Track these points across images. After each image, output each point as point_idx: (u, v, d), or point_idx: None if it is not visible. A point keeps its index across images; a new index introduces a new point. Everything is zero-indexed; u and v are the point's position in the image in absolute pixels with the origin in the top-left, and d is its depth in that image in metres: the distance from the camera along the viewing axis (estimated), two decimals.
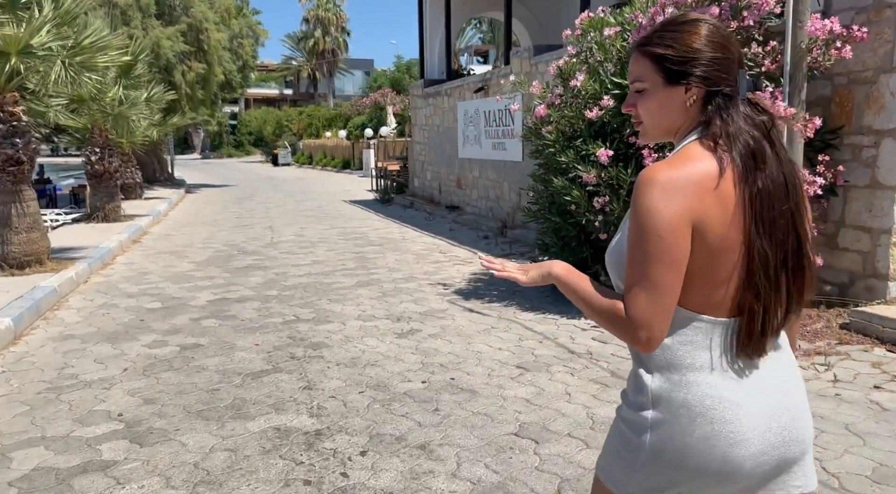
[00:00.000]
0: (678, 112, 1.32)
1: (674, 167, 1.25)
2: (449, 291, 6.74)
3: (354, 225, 12.28)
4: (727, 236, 1.25)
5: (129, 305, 6.45)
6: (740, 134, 1.27)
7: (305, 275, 7.77)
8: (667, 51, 1.31)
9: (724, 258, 1.26)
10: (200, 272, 8.03)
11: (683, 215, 1.22)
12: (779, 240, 1.27)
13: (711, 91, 1.30)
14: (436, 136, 14.08)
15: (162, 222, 13.30)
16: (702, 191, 1.23)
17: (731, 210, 1.24)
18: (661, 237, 1.21)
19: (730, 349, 1.30)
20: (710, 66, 1.29)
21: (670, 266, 1.22)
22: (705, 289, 1.27)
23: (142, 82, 12.62)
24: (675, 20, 1.36)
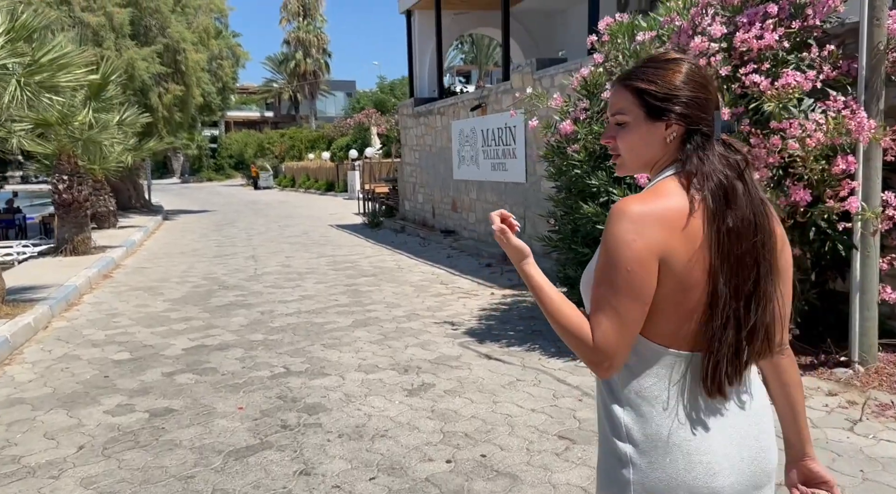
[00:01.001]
0: (657, 147, 1.34)
1: (646, 201, 1.27)
2: (458, 331, 5.98)
3: (344, 253, 11.50)
4: (691, 272, 1.25)
5: (92, 356, 5.61)
6: (714, 173, 1.28)
7: (294, 314, 6.96)
8: (650, 86, 1.32)
9: (689, 294, 1.26)
10: (176, 313, 7.20)
11: (652, 250, 1.23)
12: (743, 278, 1.27)
13: (691, 129, 1.32)
14: (428, 156, 13.38)
15: (136, 252, 12.43)
16: (670, 227, 1.24)
17: (697, 247, 1.25)
18: (628, 271, 1.22)
19: (693, 382, 1.30)
20: (690, 104, 1.31)
21: (636, 299, 1.24)
22: (673, 322, 1.28)
23: (114, 105, 11.80)
24: (657, 58, 1.37)
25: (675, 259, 1.24)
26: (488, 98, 10.44)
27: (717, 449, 1.29)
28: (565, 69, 8.10)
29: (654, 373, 1.30)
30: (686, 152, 1.31)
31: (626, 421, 1.30)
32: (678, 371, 1.30)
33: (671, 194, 1.28)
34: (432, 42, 13.59)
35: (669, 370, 1.30)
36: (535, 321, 6.16)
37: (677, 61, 1.35)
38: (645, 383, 1.30)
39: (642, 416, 1.30)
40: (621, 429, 1.31)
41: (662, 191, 1.29)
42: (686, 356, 1.30)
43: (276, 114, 62.09)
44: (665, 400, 1.30)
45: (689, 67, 1.34)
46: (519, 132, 9.36)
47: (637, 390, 1.30)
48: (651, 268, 1.23)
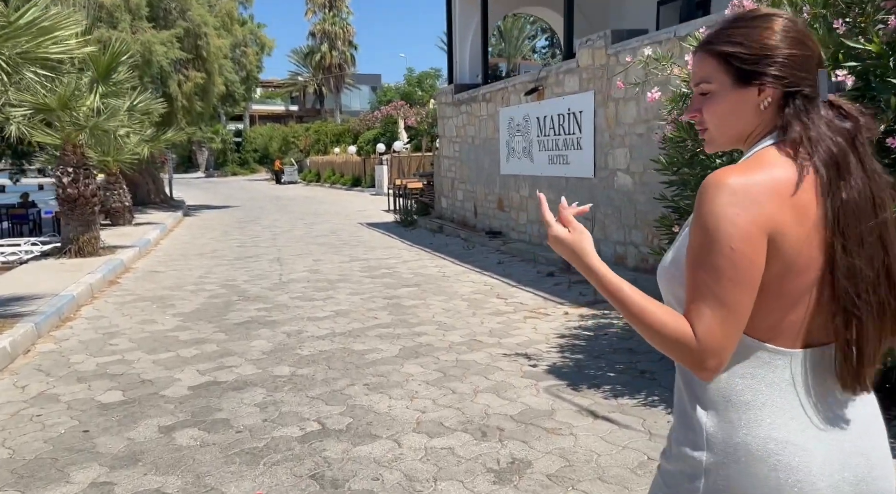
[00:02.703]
0: (750, 116, 1.16)
1: (747, 172, 1.09)
2: (539, 368, 4.67)
3: (378, 256, 10.24)
4: (803, 252, 1.08)
5: (75, 396, 4.41)
6: (822, 140, 1.10)
7: (327, 336, 5.71)
8: (736, 48, 1.15)
9: (798, 279, 1.08)
10: (187, 332, 5.99)
11: (759, 225, 1.05)
12: (868, 259, 1.09)
13: (789, 92, 1.13)
14: (470, 149, 12.07)
15: (150, 253, 11.29)
16: (778, 199, 1.07)
17: (810, 224, 1.08)
18: (733, 249, 1.04)
19: (803, 384, 1.12)
20: (786, 64, 1.13)
21: (743, 283, 1.05)
22: (773, 313, 1.10)
23: (125, 90, 10.65)
24: (744, 16, 1.20)
25: (785, 237, 1.06)
26: (546, 80, 9.09)
27: (812, 466, 1.09)
28: (652, 40, 6.74)
29: (749, 373, 1.11)
30: (786, 118, 1.13)
31: (709, 427, 1.12)
32: (776, 372, 1.11)
33: (774, 164, 1.09)
34: (475, 21, 12.27)
35: (766, 369, 1.11)
36: (637, 354, 4.84)
37: (767, 17, 1.17)
38: (737, 384, 1.11)
39: (729, 422, 1.11)
40: (701, 435, 1.12)
41: (763, 160, 1.10)
42: (786, 354, 1.11)
43: (301, 108, 61.24)
44: (758, 405, 1.10)
45: (782, 23, 1.15)
46: (586, 118, 8.02)
47: (726, 391, 1.11)
48: (759, 246, 1.05)
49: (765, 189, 1.07)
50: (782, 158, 1.11)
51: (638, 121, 7.10)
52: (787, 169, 1.09)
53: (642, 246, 7.19)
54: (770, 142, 1.14)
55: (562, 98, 8.57)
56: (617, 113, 7.41)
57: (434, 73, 38.96)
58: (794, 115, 1.13)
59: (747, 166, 1.11)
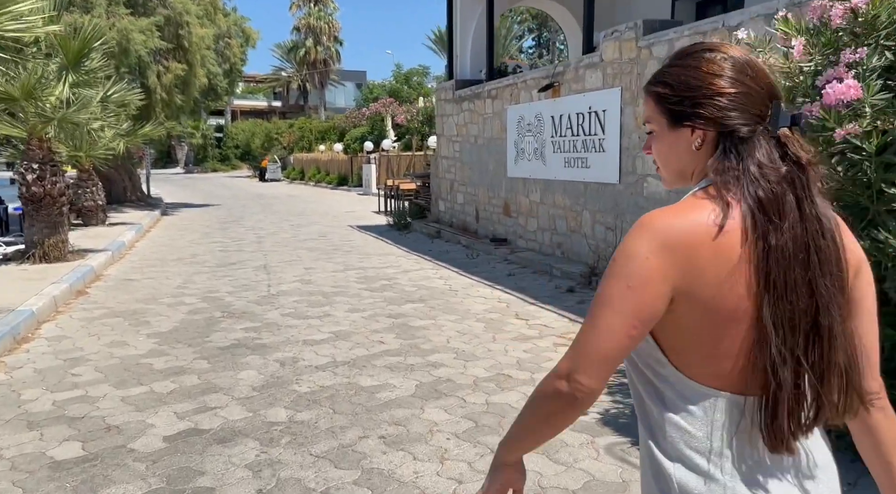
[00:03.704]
0: (687, 156, 1.14)
1: (674, 215, 1.08)
2: (591, 417, 3.88)
3: (374, 264, 9.42)
4: (728, 300, 1.04)
5: (21, 449, 3.56)
6: (751, 183, 1.06)
7: (328, 367, 4.90)
8: (666, 89, 1.15)
9: (730, 326, 1.05)
10: (162, 359, 5.14)
11: (666, 274, 1.04)
12: (797, 310, 1.04)
13: (723, 132, 1.10)
14: (472, 149, 11.27)
15: (124, 257, 10.36)
16: (697, 246, 1.04)
17: (732, 271, 1.04)
18: (629, 287, 1.04)
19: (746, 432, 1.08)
20: (715, 104, 1.09)
21: (624, 314, 1.04)
22: (712, 360, 1.07)
23: (99, 79, 9.72)
24: (680, 53, 1.18)
25: (702, 285, 1.04)
26: (563, 76, 8.32)
27: None
28: (693, 31, 5.99)
29: (707, 419, 1.09)
30: (716, 160, 1.09)
31: (679, 478, 1.09)
32: (721, 415, 1.08)
33: (703, 207, 1.07)
34: (478, 13, 11.48)
35: (721, 414, 1.08)
36: None
37: (698, 55, 1.14)
38: (697, 431, 1.09)
39: (695, 470, 1.08)
40: (672, 485, 1.09)
41: (693, 204, 1.09)
42: (730, 399, 1.08)
43: (284, 104, 60.10)
44: (723, 453, 1.08)
45: (716, 58, 1.12)
46: (611, 118, 7.26)
47: (688, 439, 1.09)
48: (658, 292, 1.04)
49: (685, 235, 1.04)
50: (712, 201, 1.07)
51: None
52: (714, 213, 1.06)
53: None
54: (705, 184, 1.11)
55: (582, 95, 7.80)
56: None
57: (422, 70, 38.09)
58: (722, 157, 1.09)
59: (675, 210, 1.09)
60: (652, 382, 1.12)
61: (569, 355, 1.08)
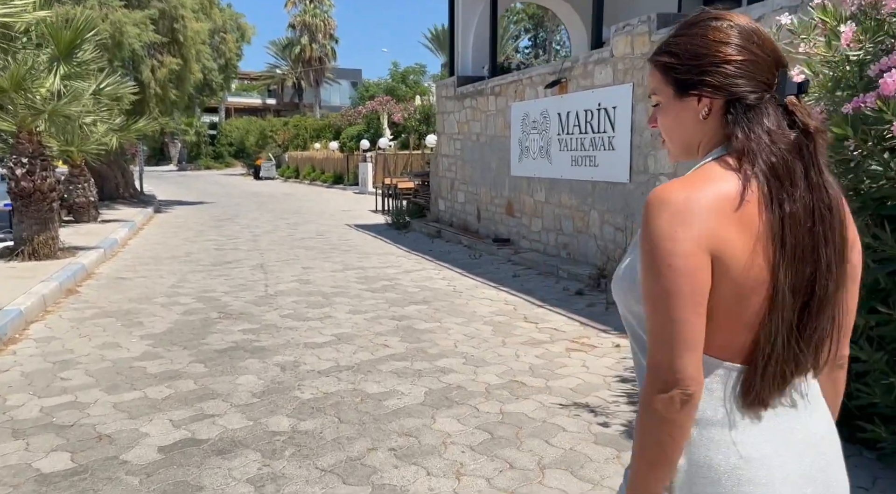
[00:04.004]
0: (693, 126, 1.12)
1: (689, 187, 1.04)
2: (613, 429, 3.66)
3: (374, 264, 9.18)
4: (752, 269, 1.03)
5: (6, 462, 3.32)
6: (762, 150, 1.04)
7: (331, 371, 4.66)
8: (672, 59, 1.13)
9: (751, 300, 1.04)
10: (157, 362, 4.90)
11: (701, 242, 1.01)
12: (801, 276, 1.04)
13: (730, 100, 1.08)
14: (474, 147, 11.04)
15: (117, 255, 10.09)
16: (722, 215, 1.02)
17: (755, 239, 1.02)
18: (675, 268, 1.00)
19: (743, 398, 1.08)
20: (722, 72, 1.08)
21: (687, 300, 1.00)
22: (731, 332, 1.06)
23: (91, 72, 9.44)
24: (685, 23, 1.15)
25: (731, 254, 1.02)
26: (571, 71, 8.09)
27: (776, 480, 1.06)
28: None
29: (711, 390, 1.07)
30: (728, 128, 1.08)
31: None
32: (728, 386, 1.07)
33: (717, 177, 1.04)
34: (481, 7, 11.26)
35: (721, 385, 1.08)
36: None
37: (703, 24, 1.12)
38: (702, 401, 1.06)
39: (691, 440, 1.07)
40: None
41: (706, 174, 1.06)
42: (735, 369, 1.08)
43: (279, 101, 59.77)
44: (717, 422, 1.07)
45: (722, 26, 1.10)
46: (622, 115, 7.04)
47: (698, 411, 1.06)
48: (701, 262, 1.00)
49: (708, 204, 1.02)
50: (726, 170, 1.06)
51: None
52: (731, 182, 1.04)
53: None
54: (716, 154, 1.10)
55: (591, 92, 7.58)
56: None
57: (419, 68, 37.84)
58: (733, 124, 1.08)
59: (690, 181, 1.06)
60: None
61: (656, 365, 1.03)
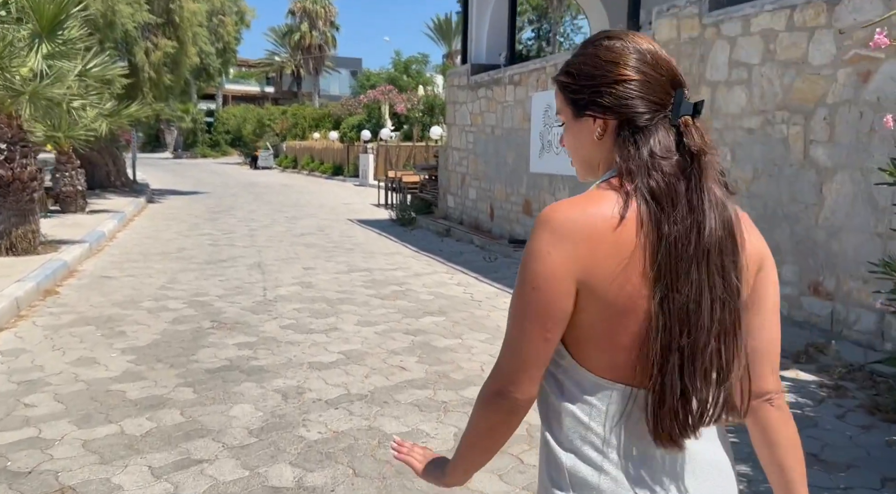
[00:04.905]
0: (591, 146, 1.13)
1: (573, 208, 1.06)
2: None
3: (381, 264, 8.50)
4: (625, 291, 1.02)
5: None
6: (643, 172, 1.04)
7: (341, 401, 3.98)
8: (569, 79, 1.14)
9: (626, 319, 1.03)
10: (138, 385, 4.21)
11: (567, 267, 1.02)
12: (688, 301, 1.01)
13: (622, 121, 1.08)
14: (488, 140, 10.34)
15: (103, 250, 9.38)
16: (596, 238, 1.03)
17: (628, 262, 1.02)
18: (534, 288, 1.03)
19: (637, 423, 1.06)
20: (612, 92, 1.08)
21: (538, 322, 1.04)
22: (609, 352, 1.06)
23: (77, 50, 8.70)
24: (584, 42, 1.16)
25: (601, 277, 1.03)
26: None
27: None
28: (778, 5, 5.09)
29: (598, 410, 1.07)
30: (618, 148, 1.09)
31: (569, 467, 1.08)
32: (623, 407, 1.06)
33: (603, 199, 1.06)
34: None
35: (615, 405, 1.07)
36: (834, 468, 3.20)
37: (598, 43, 1.12)
38: (589, 421, 1.07)
39: (587, 463, 1.07)
40: (563, 475, 1.09)
41: (594, 195, 1.08)
42: (623, 391, 1.06)
43: (277, 89, 58.88)
44: (613, 444, 1.07)
45: (615, 46, 1.10)
46: None
47: (581, 430, 1.08)
48: (562, 288, 1.03)
49: (583, 227, 1.03)
50: (609, 191, 1.06)
51: (749, 112, 5.45)
52: (612, 204, 1.04)
53: None
54: (607, 175, 1.10)
55: None
56: (713, 100, 5.76)
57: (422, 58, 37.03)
58: (620, 146, 1.08)
59: (575, 202, 1.07)
60: (551, 371, 1.10)
61: (495, 370, 1.08)
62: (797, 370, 4.48)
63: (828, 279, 4.85)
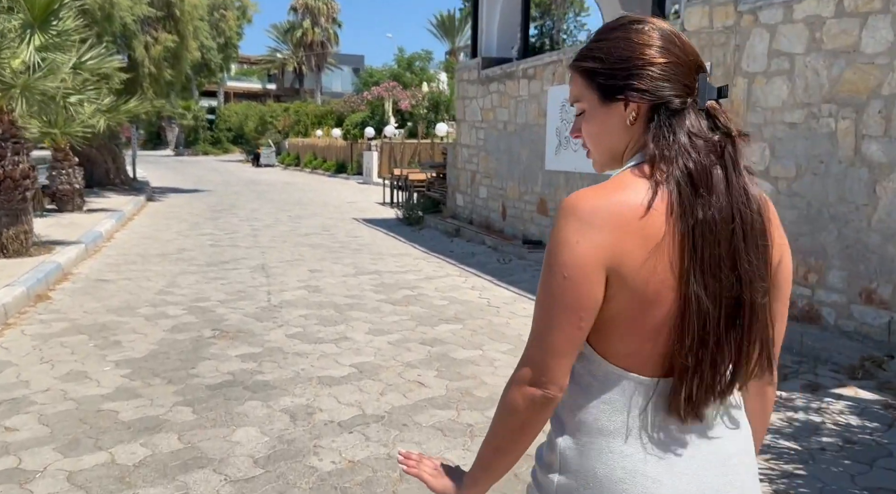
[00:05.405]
0: (620, 132, 1.10)
1: (600, 195, 1.03)
2: None
3: (390, 267, 8.12)
4: (653, 280, 1.00)
5: None
6: (679, 156, 1.02)
7: (356, 425, 3.60)
8: (597, 64, 1.10)
9: (653, 309, 1.02)
10: (132, 404, 3.84)
11: (598, 255, 1.00)
12: (723, 285, 1.01)
13: (655, 105, 1.06)
14: (501, 136, 9.95)
15: (100, 251, 9.01)
16: (624, 226, 1.00)
17: (656, 250, 1.00)
18: (565, 277, 1.01)
19: (655, 413, 1.05)
20: (647, 75, 1.05)
21: (569, 310, 1.02)
22: (632, 341, 1.04)
23: (72, 43, 8.32)
24: (606, 27, 1.14)
25: (629, 266, 1.00)
26: None
27: None
28: None
29: (609, 399, 1.06)
30: (648, 135, 1.06)
31: (563, 448, 1.09)
32: (631, 399, 1.06)
33: (629, 186, 1.03)
34: None
35: (623, 396, 1.06)
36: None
37: (626, 27, 1.10)
38: (596, 409, 1.07)
39: (582, 447, 1.07)
40: (555, 456, 1.10)
41: (618, 182, 1.05)
42: (643, 382, 1.05)
43: (279, 86, 58.49)
44: (612, 432, 1.06)
45: (644, 29, 1.08)
46: None
47: (584, 416, 1.07)
48: (593, 277, 1.01)
49: (611, 216, 1.00)
50: (638, 179, 1.03)
51: (791, 105, 5.05)
52: (638, 192, 1.01)
53: None
54: (634, 161, 1.07)
55: None
56: (750, 93, 5.36)
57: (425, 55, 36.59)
58: (654, 130, 1.05)
59: (602, 190, 1.04)
60: None
61: (527, 359, 1.05)
62: (855, 387, 4.09)
63: (883, 287, 4.46)
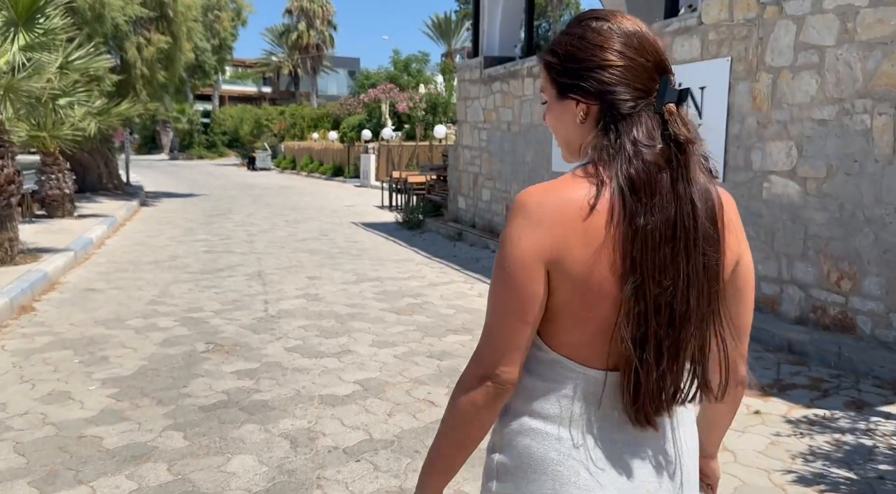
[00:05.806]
0: (574, 129, 1.10)
1: (547, 192, 1.04)
2: None
3: (392, 273, 7.80)
4: (595, 276, 1.02)
5: None
6: (622, 162, 1.01)
7: (363, 451, 3.28)
8: (554, 58, 1.11)
9: (596, 303, 1.03)
10: (118, 428, 3.51)
11: (538, 251, 1.02)
12: (665, 291, 1.01)
13: (605, 107, 1.05)
14: (504, 137, 9.65)
15: (90, 258, 8.67)
16: (567, 223, 1.01)
17: (598, 250, 1.01)
18: (509, 272, 1.04)
19: (601, 404, 1.07)
20: (597, 77, 1.05)
21: (512, 301, 1.04)
22: (580, 332, 1.06)
23: (60, 43, 7.99)
24: (574, 19, 1.12)
25: (571, 260, 1.02)
26: None
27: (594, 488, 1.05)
28: None
29: (553, 387, 1.08)
30: (595, 135, 1.06)
31: (506, 431, 1.11)
32: (575, 388, 1.07)
33: (574, 186, 1.04)
34: None
35: (568, 385, 1.08)
36: None
37: (586, 24, 1.08)
38: (537, 394, 1.09)
39: (524, 428, 1.09)
40: (499, 438, 1.13)
41: (567, 181, 1.06)
42: (594, 374, 1.07)
43: (275, 90, 58.23)
44: (550, 416, 1.08)
45: (603, 29, 1.06)
46: (714, 96, 5.64)
47: (530, 401, 1.10)
48: (533, 273, 1.03)
49: (555, 213, 1.02)
50: (583, 178, 1.04)
51: (821, 101, 4.75)
52: (583, 191, 1.02)
53: (814, 287, 4.86)
54: (586, 160, 1.08)
55: None
56: (775, 89, 5.07)
57: (422, 56, 36.30)
58: (598, 134, 1.05)
59: (549, 186, 1.05)
60: None
61: (477, 356, 1.07)
62: None
63: None
